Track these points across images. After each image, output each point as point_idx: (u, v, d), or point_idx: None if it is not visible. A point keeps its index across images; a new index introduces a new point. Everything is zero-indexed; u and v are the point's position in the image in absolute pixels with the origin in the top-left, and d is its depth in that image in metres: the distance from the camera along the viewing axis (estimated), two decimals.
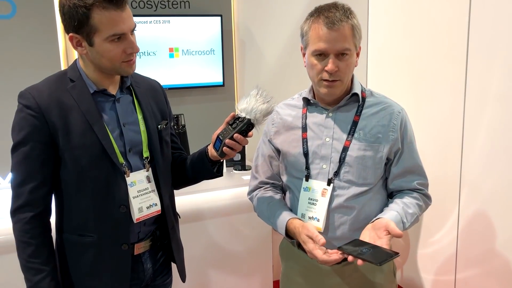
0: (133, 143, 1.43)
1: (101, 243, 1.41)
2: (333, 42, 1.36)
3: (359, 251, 1.24)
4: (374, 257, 1.20)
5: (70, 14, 1.27)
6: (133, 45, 1.33)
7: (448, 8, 2.37)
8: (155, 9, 2.82)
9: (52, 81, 1.38)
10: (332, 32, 1.36)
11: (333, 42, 1.36)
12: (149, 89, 1.53)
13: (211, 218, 2.53)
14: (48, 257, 1.38)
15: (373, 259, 1.19)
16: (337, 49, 1.37)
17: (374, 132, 1.46)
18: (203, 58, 2.93)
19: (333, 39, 1.36)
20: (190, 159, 1.57)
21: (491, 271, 2.23)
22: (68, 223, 1.42)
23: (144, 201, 1.44)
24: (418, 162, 1.52)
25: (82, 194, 1.38)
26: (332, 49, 1.37)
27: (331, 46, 1.36)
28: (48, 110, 1.31)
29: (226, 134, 1.36)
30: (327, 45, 1.37)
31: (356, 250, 1.24)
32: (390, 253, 1.23)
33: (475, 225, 2.31)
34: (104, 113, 1.39)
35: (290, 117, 1.57)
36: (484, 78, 2.19)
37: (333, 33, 1.36)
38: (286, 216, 1.49)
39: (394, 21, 2.78)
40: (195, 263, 2.47)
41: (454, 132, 2.37)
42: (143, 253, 1.51)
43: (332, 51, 1.37)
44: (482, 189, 2.25)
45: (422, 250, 2.70)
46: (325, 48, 1.37)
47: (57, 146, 1.34)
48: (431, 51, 2.50)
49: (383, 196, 1.54)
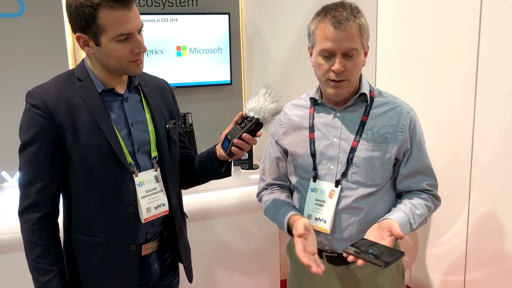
0: (141, 143, 1.42)
1: (109, 243, 1.40)
2: (340, 42, 1.34)
3: (365, 252, 1.22)
4: (380, 259, 1.19)
5: (77, 14, 1.26)
6: (141, 45, 1.32)
7: (458, 5, 2.33)
8: (162, 7, 2.81)
9: (60, 80, 1.37)
10: (338, 32, 1.34)
11: (340, 42, 1.34)
12: (157, 88, 1.52)
13: (218, 217, 2.53)
14: (56, 257, 1.37)
15: (378, 262, 1.18)
16: (344, 48, 1.35)
17: (383, 132, 1.45)
18: (211, 57, 2.92)
19: (340, 39, 1.34)
20: (198, 159, 1.56)
21: (501, 272, 2.21)
22: (76, 223, 1.42)
23: (152, 201, 1.43)
24: (427, 163, 1.50)
25: (90, 194, 1.38)
26: (339, 49, 1.35)
27: (338, 46, 1.35)
28: (56, 110, 1.31)
29: (235, 133, 1.35)
30: (333, 44, 1.35)
31: (362, 252, 1.23)
32: (396, 253, 1.22)
33: (485, 225, 2.28)
34: (112, 112, 1.38)
35: (298, 117, 1.56)
36: (495, 77, 2.16)
37: (340, 33, 1.34)
38: (288, 213, 1.47)
39: (403, 19, 2.75)
40: (202, 263, 2.47)
41: (464, 131, 2.34)
42: (151, 254, 1.50)
43: (339, 50, 1.35)
44: (492, 189, 2.22)
45: (431, 250, 2.67)
46: (331, 47, 1.35)
47: (65, 146, 1.33)
48: (441, 49, 2.47)
49: (392, 197, 1.52)
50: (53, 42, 2.57)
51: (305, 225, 1.37)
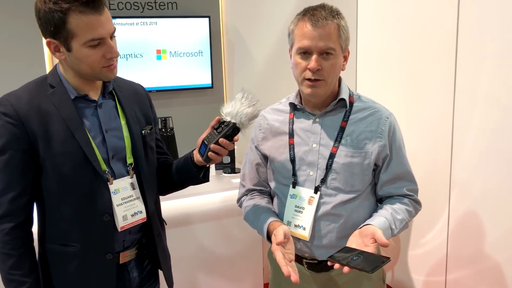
0: (116, 150, 1.40)
1: (84, 253, 1.37)
2: (317, 40, 1.34)
3: (350, 259, 1.21)
4: (366, 264, 1.18)
5: (46, 19, 1.23)
6: (113, 50, 1.29)
7: (436, 10, 2.36)
8: (142, 10, 2.79)
9: (32, 87, 1.34)
10: (316, 29, 1.34)
11: (317, 40, 1.34)
12: (132, 93, 1.49)
13: (200, 222, 2.51)
14: (30, 268, 1.34)
15: (365, 267, 1.17)
16: (320, 47, 1.35)
17: (362, 138, 1.44)
18: (192, 60, 2.90)
19: (316, 37, 1.34)
20: (175, 165, 1.54)
21: (481, 272, 2.23)
22: (51, 232, 1.38)
23: (128, 209, 1.41)
24: (407, 168, 1.50)
25: (65, 203, 1.35)
26: (315, 47, 1.35)
27: (315, 44, 1.34)
28: (27, 118, 1.28)
29: (211, 138, 1.34)
30: (310, 42, 1.35)
31: (347, 258, 1.22)
32: (381, 259, 1.21)
33: (465, 225, 2.31)
34: (85, 119, 1.35)
35: (277, 122, 1.54)
36: (473, 79, 2.19)
37: (317, 30, 1.34)
38: (268, 220, 1.46)
39: (383, 23, 2.77)
40: (184, 269, 2.44)
41: (444, 132, 2.37)
42: (129, 262, 1.47)
43: (315, 49, 1.35)
44: (472, 190, 2.25)
45: (413, 251, 2.69)
46: (308, 45, 1.35)
47: (38, 154, 1.30)
48: (421, 52, 2.50)
49: (372, 203, 1.51)
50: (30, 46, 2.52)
51: (284, 233, 1.35)
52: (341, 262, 1.21)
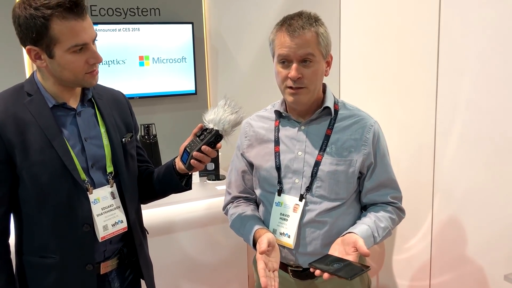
0: (95, 158, 1.37)
1: (64, 264, 1.34)
2: (295, 49, 1.35)
3: (331, 266, 1.23)
4: (346, 272, 1.20)
5: (27, 26, 1.21)
6: (96, 55, 1.28)
7: (418, 16, 2.38)
8: (124, 16, 2.76)
9: (7, 95, 1.31)
10: (293, 39, 1.35)
11: (295, 49, 1.35)
12: (112, 101, 1.47)
13: (183, 230, 2.48)
14: (7, 281, 1.31)
15: (344, 274, 1.18)
16: (299, 54, 1.35)
17: (347, 146, 1.44)
18: (175, 66, 2.88)
19: (294, 46, 1.35)
20: (157, 173, 1.52)
21: (464, 276, 2.25)
22: (28, 244, 1.35)
23: (109, 219, 1.38)
24: (391, 176, 1.51)
25: (43, 214, 1.31)
26: (294, 55, 1.35)
27: (293, 52, 1.35)
28: (3, 127, 1.25)
29: (194, 146, 1.32)
30: (289, 51, 1.35)
31: (327, 266, 1.23)
32: (360, 267, 1.23)
33: (448, 230, 2.32)
34: (64, 128, 1.33)
35: (263, 129, 1.54)
36: (455, 85, 2.21)
37: (294, 40, 1.35)
38: (254, 228, 1.45)
39: (366, 29, 2.79)
40: (167, 278, 2.41)
41: (426, 138, 2.38)
42: (110, 272, 1.45)
43: (294, 57, 1.36)
44: (455, 195, 2.26)
45: (397, 256, 2.70)
46: (287, 54, 1.36)
47: (15, 164, 1.27)
48: (403, 58, 2.52)
49: (356, 210, 1.51)
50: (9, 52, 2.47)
51: (269, 241, 1.34)
52: (322, 269, 1.22)
